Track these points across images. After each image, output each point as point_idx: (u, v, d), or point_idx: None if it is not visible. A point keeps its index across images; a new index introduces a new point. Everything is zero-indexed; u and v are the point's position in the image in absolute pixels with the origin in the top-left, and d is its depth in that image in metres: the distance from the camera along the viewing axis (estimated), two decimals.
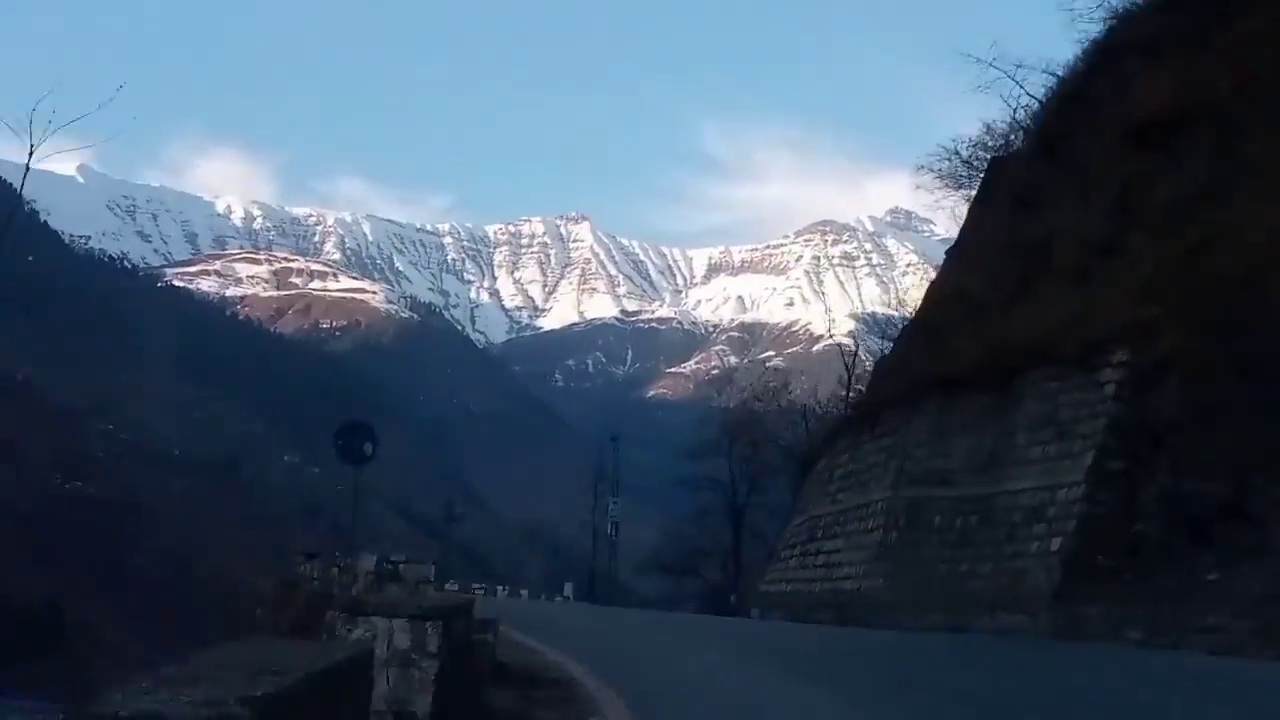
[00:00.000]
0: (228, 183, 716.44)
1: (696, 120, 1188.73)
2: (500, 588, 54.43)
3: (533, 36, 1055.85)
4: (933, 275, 36.57)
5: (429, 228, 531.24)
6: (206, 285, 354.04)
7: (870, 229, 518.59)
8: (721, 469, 58.87)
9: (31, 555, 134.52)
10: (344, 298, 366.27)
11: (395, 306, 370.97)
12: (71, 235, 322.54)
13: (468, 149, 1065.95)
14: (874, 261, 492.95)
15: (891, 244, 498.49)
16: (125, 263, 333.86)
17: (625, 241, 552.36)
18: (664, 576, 67.32)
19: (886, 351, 29.94)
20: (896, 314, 47.73)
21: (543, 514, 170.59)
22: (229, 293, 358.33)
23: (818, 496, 27.18)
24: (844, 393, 34.53)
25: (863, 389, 35.13)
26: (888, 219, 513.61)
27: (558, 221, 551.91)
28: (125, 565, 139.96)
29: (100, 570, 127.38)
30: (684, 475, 64.34)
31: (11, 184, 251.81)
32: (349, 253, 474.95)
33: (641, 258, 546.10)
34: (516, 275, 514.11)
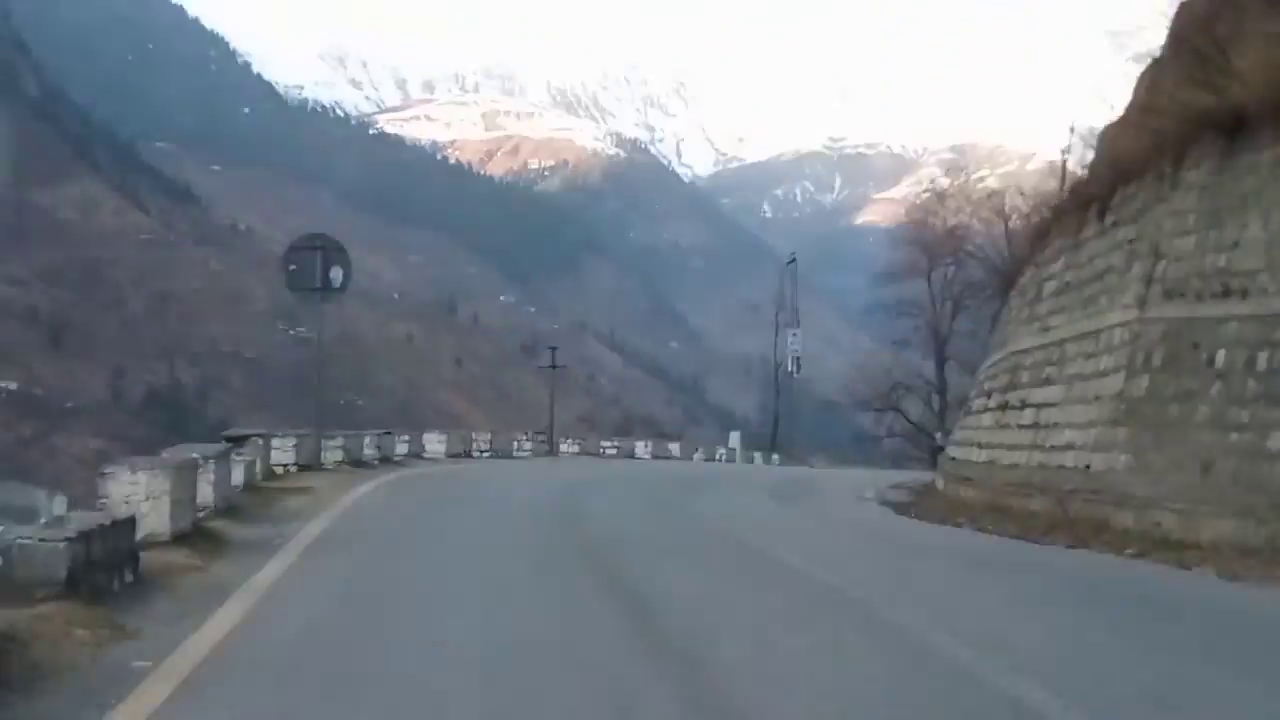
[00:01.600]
0: (435, 25, 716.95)
1: None
2: (641, 444, 47.77)
3: None
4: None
5: (632, 62, 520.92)
6: (418, 131, 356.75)
7: (1086, 41, 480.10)
8: (922, 293, 51.38)
9: (256, 399, 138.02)
10: (551, 137, 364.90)
11: (602, 144, 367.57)
12: (286, 86, 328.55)
13: None
14: (1090, 73, 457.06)
15: (1108, 56, 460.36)
16: (338, 111, 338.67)
17: (831, 62, 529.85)
18: (864, 415, 60.73)
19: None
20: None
21: (753, 347, 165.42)
22: (439, 137, 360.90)
23: (1021, 324, 18.84)
24: (1059, 181, 25.33)
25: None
26: (1107, 28, 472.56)
27: (760, 47, 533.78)
28: (349, 407, 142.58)
29: (326, 410, 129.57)
30: (883, 302, 57.04)
31: (224, 37, 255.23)
32: (555, 92, 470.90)
33: (847, 79, 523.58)
34: (721, 106, 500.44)
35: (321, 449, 22.53)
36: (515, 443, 38.92)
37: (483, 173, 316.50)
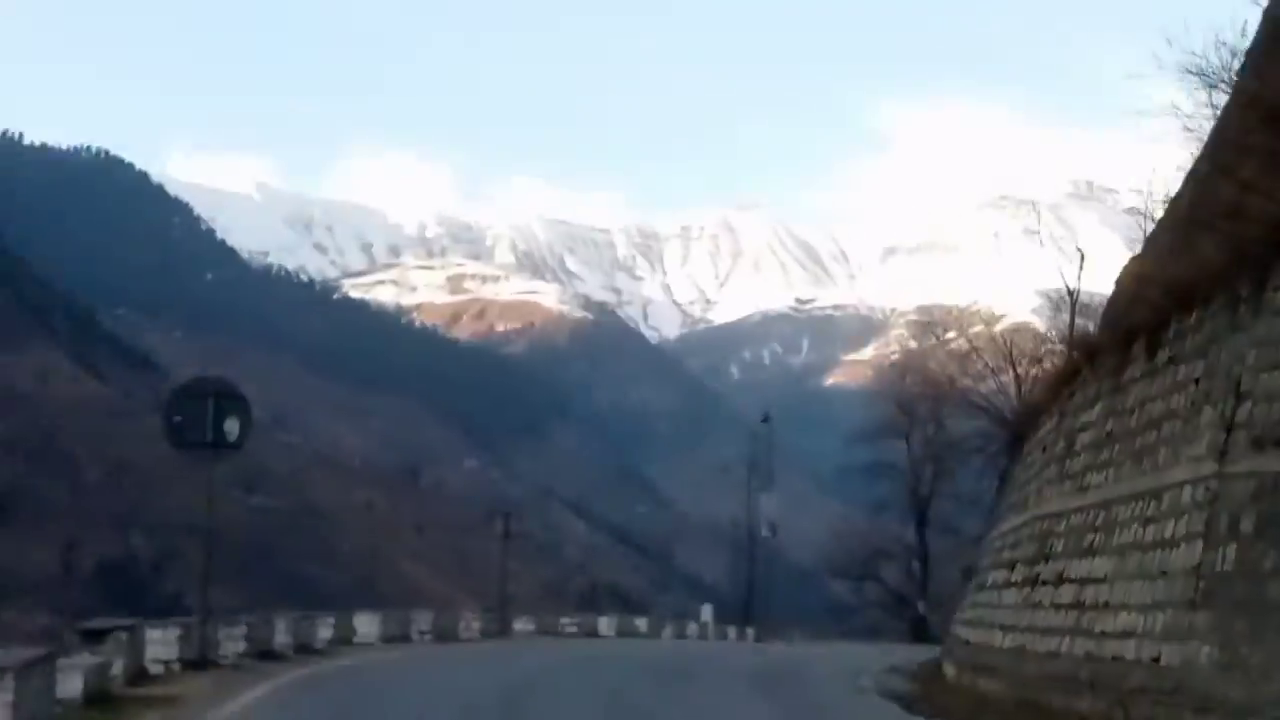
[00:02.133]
0: (401, 190, 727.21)
1: (864, 99, 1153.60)
2: (605, 620, 44.70)
3: (698, 23, 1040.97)
4: (1121, 249, 24.38)
5: (599, 225, 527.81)
6: (383, 295, 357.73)
7: (1050, 201, 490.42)
8: (899, 454, 49.28)
9: (216, 572, 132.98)
10: (517, 300, 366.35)
11: (568, 306, 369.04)
12: (250, 252, 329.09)
13: (635, 143, 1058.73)
14: (1056, 235, 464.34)
15: (1073, 216, 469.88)
16: (303, 276, 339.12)
17: (797, 228, 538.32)
18: (840, 583, 58.10)
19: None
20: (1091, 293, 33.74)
21: (723, 511, 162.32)
22: (404, 301, 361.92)
23: (1048, 483, 16.38)
24: (1066, 320, 22.87)
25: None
26: (1069, 189, 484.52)
27: (727, 211, 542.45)
28: (308, 577, 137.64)
29: (284, 582, 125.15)
30: (858, 464, 54.93)
31: (188, 204, 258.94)
32: (521, 255, 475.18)
33: (814, 243, 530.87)
34: (688, 269, 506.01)
35: (216, 640, 19.25)
36: (462, 622, 35.17)
37: (448, 336, 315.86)
